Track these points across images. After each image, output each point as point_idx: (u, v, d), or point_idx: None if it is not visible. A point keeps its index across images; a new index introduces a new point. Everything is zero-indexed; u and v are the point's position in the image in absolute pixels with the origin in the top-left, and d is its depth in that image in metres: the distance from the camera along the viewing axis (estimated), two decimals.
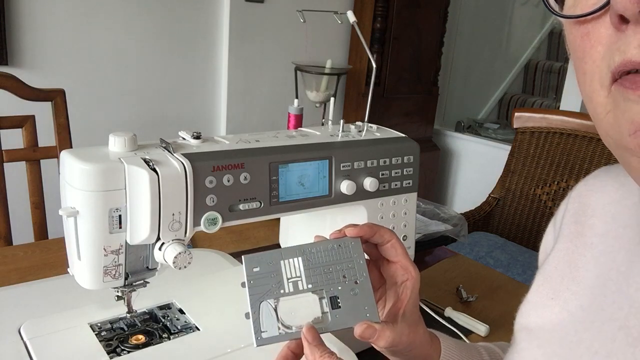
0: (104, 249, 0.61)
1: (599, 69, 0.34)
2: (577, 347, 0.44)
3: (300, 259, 0.53)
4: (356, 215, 0.79)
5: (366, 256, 0.58)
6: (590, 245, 0.49)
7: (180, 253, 0.61)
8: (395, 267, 0.57)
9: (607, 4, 0.32)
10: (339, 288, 0.53)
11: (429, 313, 0.91)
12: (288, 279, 0.52)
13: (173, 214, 0.61)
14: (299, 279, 0.53)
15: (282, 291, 0.52)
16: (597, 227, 0.49)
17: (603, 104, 0.34)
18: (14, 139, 1.25)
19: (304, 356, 0.52)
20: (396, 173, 0.80)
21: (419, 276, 0.56)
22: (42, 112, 1.29)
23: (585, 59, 0.35)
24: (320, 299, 0.52)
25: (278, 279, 0.52)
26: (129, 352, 0.68)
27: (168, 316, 0.76)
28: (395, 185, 0.80)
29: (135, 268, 0.66)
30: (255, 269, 0.52)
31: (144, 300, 0.76)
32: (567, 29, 0.37)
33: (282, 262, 0.53)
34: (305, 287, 0.53)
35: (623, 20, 0.31)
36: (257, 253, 0.53)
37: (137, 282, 0.67)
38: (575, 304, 0.47)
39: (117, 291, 0.67)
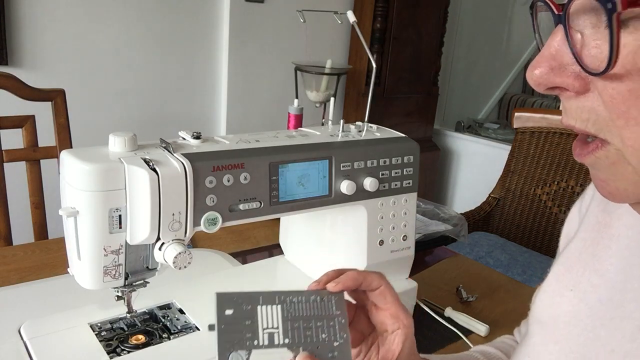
0: (104, 249, 0.61)
1: None
2: (593, 343, 0.43)
3: (279, 307, 0.49)
4: (356, 215, 0.79)
5: (353, 300, 0.55)
6: (617, 238, 0.47)
7: (180, 253, 0.61)
8: (385, 315, 0.53)
9: None
10: (317, 348, 0.48)
11: (429, 313, 0.91)
12: (264, 329, 0.48)
13: (173, 214, 0.61)
14: (276, 330, 0.48)
15: (255, 342, 0.47)
16: (624, 219, 0.47)
17: None
18: (14, 139, 1.25)
19: None
20: (396, 173, 0.80)
21: (412, 324, 0.53)
22: (42, 112, 1.29)
23: None
24: (295, 356, 0.48)
25: (253, 327, 0.47)
26: (129, 352, 0.68)
27: (168, 316, 0.76)
28: (395, 185, 0.80)
29: (135, 268, 0.66)
30: (228, 311, 0.47)
31: (144, 300, 0.76)
32: None
33: (259, 308, 0.48)
34: (281, 342, 0.48)
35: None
36: (232, 292, 0.48)
37: (137, 282, 0.67)
38: (594, 297, 0.46)
39: (117, 291, 0.67)
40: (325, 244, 0.86)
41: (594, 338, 0.43)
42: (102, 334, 0.71)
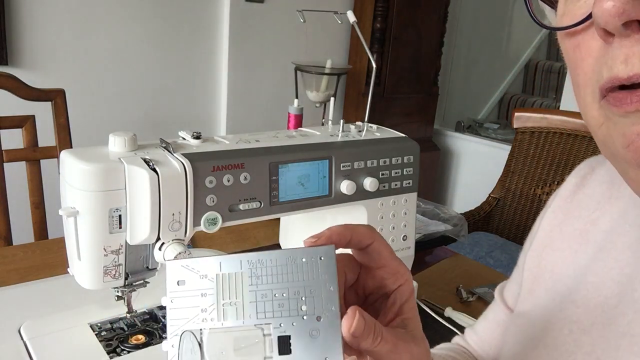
0: (104, 249, 0.61)
1: (590, 82, 0.33)
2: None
3: (244, 274, 0.38)
4: (356, 215, 0.79)
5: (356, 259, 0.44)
6: (594, 242, 0.47)
7: (180, 253, 0.61)
8: (382, 274, 0.42)
9: (591, 16, 0.30)
10: (293, 324, 0.37)
11: (429, 313, 0.91)
12: (223, 303, 0.37)
13: (173, 214, 0.61)
14: (239, 304, 0.37)
15: (212, 319, 0.37)
16: (602, 223, 0.48)
17: (596, 117, 0.34)
18: (14, 139, 1.25)
19: None
20: (396, 173, 0.80)
21: (412, 279, 0.43)
22: (42, 112, 1.29)
23: (577, 71, 0.34)
24: (265, 336, 0.37)
25: (210, 300, 0.37)
26: (129, 352, 0.68)
27: None
28: (395, 185, 0.80)
29: (135, 268, 0.66)
30: (181, 283, 0.38)
31: (144, 300, 0.76)
32: (560, 41, 0.36)
33: (218, 276, 0.38)
34: (245, 318, 0.37)
35: (608, 32, 0.30)
36: (185, 260, 0.39)
37: (137, 282, 0.67)
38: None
39: (117, 291, 0.67)
40: None
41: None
42: (102, 334, 0.71)
